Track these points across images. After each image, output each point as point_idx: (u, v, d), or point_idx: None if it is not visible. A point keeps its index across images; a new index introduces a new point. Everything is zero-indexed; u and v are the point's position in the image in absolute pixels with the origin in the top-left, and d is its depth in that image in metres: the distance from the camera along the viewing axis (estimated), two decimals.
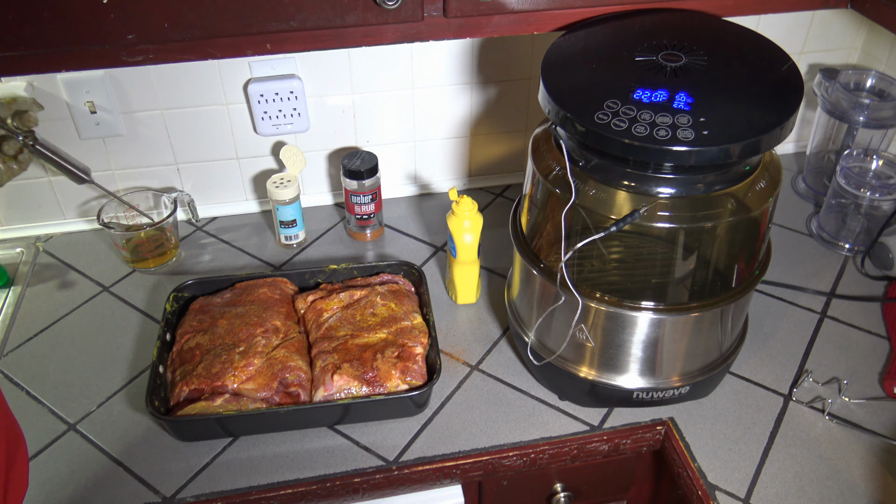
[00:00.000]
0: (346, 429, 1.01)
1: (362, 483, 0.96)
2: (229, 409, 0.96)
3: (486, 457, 0.98)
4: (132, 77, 1.19)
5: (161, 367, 1.02)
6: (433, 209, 1.39)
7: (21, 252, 1.29)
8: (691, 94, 0.82)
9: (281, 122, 1.26)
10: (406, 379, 0.99)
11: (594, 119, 0.80)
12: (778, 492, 0.93)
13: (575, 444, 1.00)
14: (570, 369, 0.98)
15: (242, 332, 1.03)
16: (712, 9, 1.00)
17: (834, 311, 1.17)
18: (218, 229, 1.34)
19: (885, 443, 0.98)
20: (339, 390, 0.98)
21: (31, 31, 0.84)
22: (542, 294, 0.96)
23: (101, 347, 1.12)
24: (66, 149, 1.23)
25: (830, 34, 1.37)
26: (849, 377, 1.06)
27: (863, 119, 1.25)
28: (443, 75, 1.28)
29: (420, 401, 1.00)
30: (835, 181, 1.23)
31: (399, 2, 0.88)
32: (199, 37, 0.89)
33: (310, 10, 0.88)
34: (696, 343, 0.95)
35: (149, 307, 1.19)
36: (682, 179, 0.83)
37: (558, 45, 0.92)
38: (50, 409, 1.03)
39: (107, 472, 0.96)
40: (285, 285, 1.14)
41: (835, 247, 1.28)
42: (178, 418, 0.95)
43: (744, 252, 0.92)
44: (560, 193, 0.86)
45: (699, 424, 1.01)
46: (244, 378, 0.98)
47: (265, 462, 0.97)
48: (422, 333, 1.05)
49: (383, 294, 1.10)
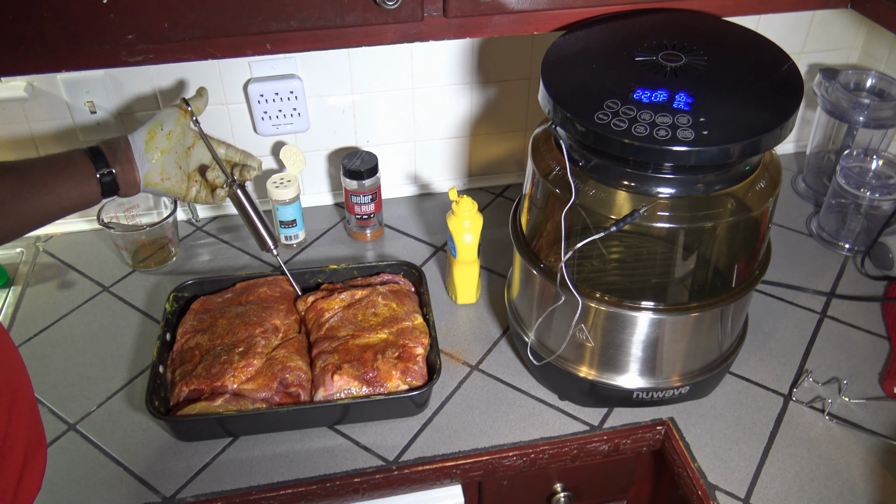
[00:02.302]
0: (346, 429, 1.01)
1: (362, 483, 0.96)
2: (229, 409, 0.96)
3: (486, 457, 0.98)
4: (132, 77, 1.19)
5: (161, 367, 1.02)
6: (433, 209, 1.39)
7: (21, 252, 1.29)
8: (691, 94, 0.82)
9: (281, 122, 1.26)
10: (406, 379, 0.99)
11: (594, 119, 0.80)
12: (778, 492, 0.93)
13: (575, 444, 1.00)
14: (570, 369, 0.98)
15: (242, 332, 1.03)
16: (712, 9, 1.00)
17: (834, 311, 1.17)
18: (218, 229, 1.34)
19: (885, 443, 0.98)
20: (340, 390, 0.98)
21: (31, 31, 0.84)
22: (542, 294, 0.96)
23: (100, 347, 1.12)
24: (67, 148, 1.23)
25: (830, 34, 1.37)
26: (849, 377, 1.06)
27: (863, 119, 1.25)
28: (443, 75, 1.28)
29: (420, 401, 1.00)
30: (835, 181, 1.23)
31: (399, 2, 0.88)
32: (199, 37, 0.89)
33: (310, 10, 0.88)
34: (696, 343, 0.95)
35: (149, 307, 1.19)
36: (682, 179, 0.83)
37: (558, 45, 0.93)
38: (50, 409, 1.03)
39: (107, 472, 0.96)
40: (285, 284, 1.14)
41: (835, 247, 1.28)
42: (178, 418, 0.95)
43: (744, 252, 0.92)
44: (560, 193, 0.86)
45: (699, 424, 1.01)
46: (244, 378, 0.98)
47: (265, 462, 0.97)
48: (422, 334, 1.05)
49: (385, 294, 1.10)
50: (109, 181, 0.92)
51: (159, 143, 0.96)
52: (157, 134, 0.96)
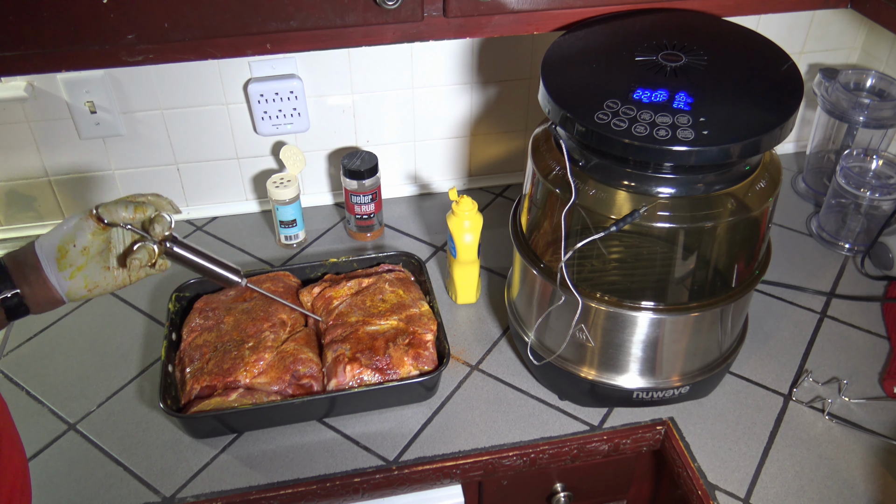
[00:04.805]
0: (347, 428, 1.01)
1: (362, 483, 0.96)
2: (245, 403, 0.96)
3: (486, 457, 0.98)
4: (132, 77, 1.19)
5: (170, 366, 1.02)
6: (433, 209, 1.39)
7: None
8: (691, 93, 0.82)
9: (281, 121, 1.26)
10: (418, 365, 1.01)
11: (594, 119, 0.80)
12: (778, 492, 0.93)
13: (575, 443, 1.00)
14: (570, 369, 0.98)
15: (250, 328, 1.04)
16: (712, 9, 1.00)
17: (834, 310, 1.17)
18: (218, 229, 1.34)
19: (885, 443, 0.98)
20: (352, 379, 0.99)
21: (31, 31, 0.84)
22: (542, 294, 0.96)
23: (101, 347, 1.12)
24: (67, 148, 1.24)
25: (830, 34, 1.37)
26: (849, 377, 1.06)
27: (863, 119, 1.25)
28: (443, 75, 1.28)
29: (430, 385, 1.01)
30: (835, 181, 1.23)
31: (399, 2, 0.88)
32: (199, 37, 0.89)
33: (310, 10, 0.88)
34: (695, 343, 0.95)
35: (149, 307, 1.19)
36: (682, 179, 0.83)
37: (558, 45, 0.92)
38: (50, 409, 1.03)
39: (107, 472, 0.96)
40: (288, 279, 1.15)
41: (835, 247, 1.28)
42: (194, 415, 0.95)
43: (744, 252, 0.92)
44: (560, 193, 0.86)
45: (699, 424, 1.01)
46: (256, 372, 0.99)
47: (265, 462, 0.97)
48: (430, 320, 1.06)
49: (391, 281, 1.12)
50: (14, 304, 0.76)
51: (74, 260, 0.78)
52: (70, 252, 0.78)
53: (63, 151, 1.24)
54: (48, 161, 1.25)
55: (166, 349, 1.03)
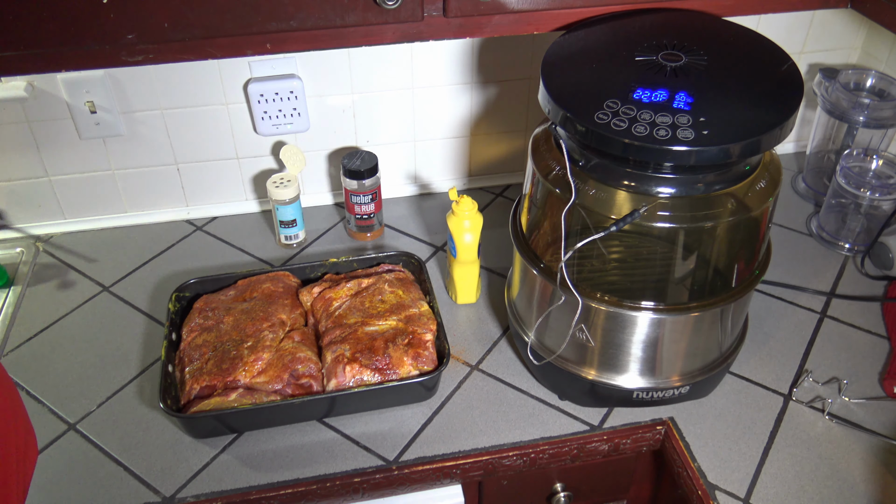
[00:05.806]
0: (347, 427, 1.01)
1: (362, 483, 0.96)
2: (244, 403, 0.96)
3: (486, 457, 0.98)
4: (132, 77, 1.19)
5: (170, 366, 1.02)
6: (433, 209, 1.39)
7: (21, 252, 1.29)
8: (691, 93, 0.82)
9: (281, 121, 1.26)
10: (418, 365, 1.01)
11: (594, 119, 0.80)
12: (778, 492, 0.93)
13: (575, 443, 1.00)
14: (570, 369, 0.98)
15: (249, 328, 1.04)
16: (712, 9, 1.00)
17: (834, 310, 1.17)
18: (218, 229, 1.34)
19: (885, 443, 0.98)
20: (352, 379, 0.99)
21: (31, 31, 0.84)
22: (542, 294, 0.96)
23: (101, 347, 1.12)
24: (67, 148, 1.24)
25: (830, 34, 1.37)
26: (849, 377, 1.06)
27: (863, 119, 1.25)
28: (443, 75, 1.28)
29: (430, 385, 1.01)
30: (835, 181, 1.23)
31: (399, 2, 0.88)
32: (199, 37, 0.89)
33: (310, 9, 0.88)
34: (695, 343, 0.95)
35: (149, 307, 1.19)
36: (682, 179, 0.83)
37: (558, 45, 0.92)
38: (50, 409, 1.03)
39: (107, 471, 0.96)
40: (288, 279, 1.15)
41: (835, 247, 1.28)
42: (194, 415, 0.95)
43: (744, 252, 0.92)
44: (560, 193, 0.86)
45: (699, 424, 1.01)
46: (255, 372, 0.99)
47: (265, 462, 0.97)
48: (430, 320, 1.06)
49: (391, 281, 1.11)
50: None
51: None
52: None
53: (63, 151, 1.24)
54: (48, 161, 1.25)
55: (166, 349, 1.03)
